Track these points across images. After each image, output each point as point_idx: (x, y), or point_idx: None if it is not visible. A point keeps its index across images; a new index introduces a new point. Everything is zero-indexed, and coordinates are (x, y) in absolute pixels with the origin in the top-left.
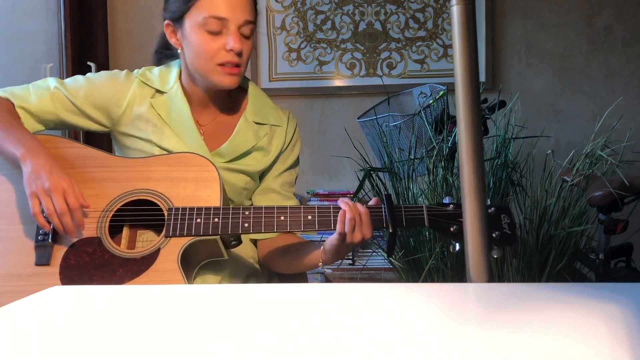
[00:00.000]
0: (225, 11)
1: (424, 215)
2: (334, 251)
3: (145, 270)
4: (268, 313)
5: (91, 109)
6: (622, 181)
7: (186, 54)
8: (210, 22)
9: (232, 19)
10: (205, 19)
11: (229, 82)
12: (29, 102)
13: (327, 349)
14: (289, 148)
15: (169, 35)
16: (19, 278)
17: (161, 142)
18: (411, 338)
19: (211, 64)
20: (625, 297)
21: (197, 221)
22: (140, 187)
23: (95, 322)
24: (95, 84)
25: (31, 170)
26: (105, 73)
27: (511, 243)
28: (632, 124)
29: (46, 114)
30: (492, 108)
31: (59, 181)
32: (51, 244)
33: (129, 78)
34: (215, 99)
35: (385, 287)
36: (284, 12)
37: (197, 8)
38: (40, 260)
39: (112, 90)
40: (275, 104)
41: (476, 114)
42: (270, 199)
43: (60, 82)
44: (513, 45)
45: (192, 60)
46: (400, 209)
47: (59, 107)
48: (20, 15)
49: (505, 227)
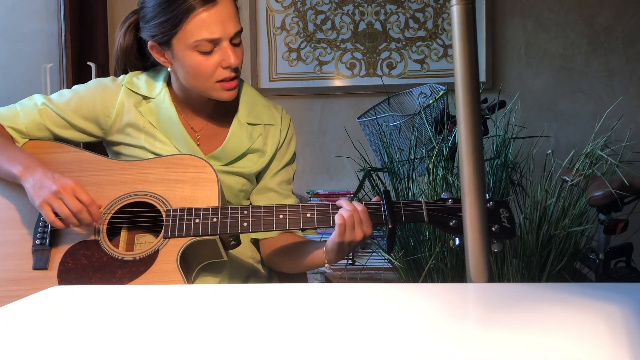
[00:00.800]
0: (215, 31)
1: (423, 210)
2: (336, 250)
3: (145, 272)
4: (268, 313)
5: (81, 121)
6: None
7: (179, 73)
8: (202, 44)
9: (223, 36)
10: (197, 41)
11: (228, 96)
12: (18, 122)
13: (327, 349)
14: (284, 145)
15: (156, 56)
16: (17, 282)
17: (154, 149)
18: (411, 338)
19: (209, 82)
20: (625, 297)
21: (196, 221)
22: (137, 189)
23: (95, 322)
24: (82, 96)
25: (33, 183)
26: (91, 84)
27: (511, 236)
28: (632, 124)
29: (37, 131)
30: (492, 108)
31: (65, 182)
32: (48, 247)
33: (115, 86)
34: (207, 104)
35: (385, 287)
36: (284, 12)
37: (185, 31)
38: (38, 264)
39: (100, 100)
40: (268, 101)
41: (476, 114)
42: (268, 198)
43: (47, 98)
44: (513, 45)
45: (187, 79)
46: (399, 205)
47: (49, 123)
48: (20, 15)
49: (505, 220)
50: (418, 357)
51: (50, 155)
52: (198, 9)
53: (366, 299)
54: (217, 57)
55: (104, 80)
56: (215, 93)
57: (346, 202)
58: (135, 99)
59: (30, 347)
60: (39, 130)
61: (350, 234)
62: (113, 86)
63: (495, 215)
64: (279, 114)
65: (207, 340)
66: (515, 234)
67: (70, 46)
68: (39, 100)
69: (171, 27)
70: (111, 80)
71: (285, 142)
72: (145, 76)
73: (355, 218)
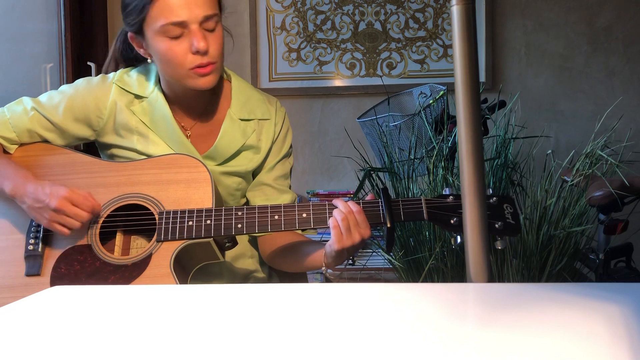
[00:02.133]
0: (181, 14)
1: (423, 208)
2: (335, 255)
3: (138, 277)
4: (268, 313)
5: (72, 125)
6: (622, 181)
7: (156, 63)
8: (169, 29)
9: (190, 19)
10: (163, 26)
11: (204, 83)
12: (8, 130)
13: (327, 349)
14: (279, 139)
15: (137, 47)
16: (10, 289)
17: (148, 150)
18: (411, 338)
19: (182, 69)
20: (625, 297)
21: (189, 224)
22: (130, 191)
23: (95, 322)
24: (72, 98)
25: (30, 204)
26: (80, 84)
27: (515, 233)
28: (632, 124)
29: (27, 138)
30: (492, 108)
31: (59, 194)
32: (41, 253)
33: (105, 84)
34: (197, 100)
35: (385, 287)
36: (284, 12)
37: (151, 17)
38: (31, 271)
39: (91, 101)
40: (262, 94)
41: (476, 114)
42: (263, 193)
43: (36, 102)
44: (513, 45)
45: (162, 68)
46: (398, 203)
47: (40, 129)
48: (20, 15)
49: (509, 216)
50: (418, 357)
51: (41, 158)
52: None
53: (366, 299)
54: (187, 42)
55: (94, 80)
56: (191, 81)
57: (341, 202)
58: (127, 97)
59: (30, 348)
60: (30, 137)
61: (348, 237)
62: (103, 85)
63: (499, 211)
64: (273, 108)
65: (207, 341)
66: (520, 230)
67: (70, 46)
68: (29, 104)
69: (138, 12)
70: (101, 78)
71: (281, 136)
72: (137, 73)
73: (351, 220)
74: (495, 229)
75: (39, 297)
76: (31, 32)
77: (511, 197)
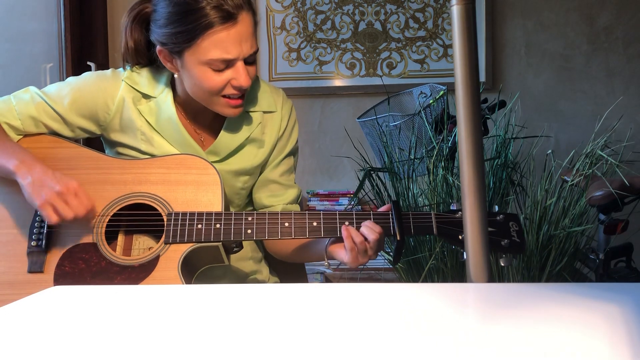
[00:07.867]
0: (232, 51)
1: (433, 223)
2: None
3: (145, 278)
4: (268, 313)
5: (79, 119)
6: (622, 181)
7: (185, 82)
8: (216, 63)
9: (239, 57)
10: (211, 60)
11: (232, 113)
12: (14, 117)
13: (327, 349)
14: (285, 134)
15: (163, 61)
16: (11, 286)
17: (152, 151)
18: (411, 338)
19: (214, 96)
20: (625, 297)
21: (198, 227)
22: (138, 190)
23: (96, 322)
24: (80, 91)
25: (32, 180)
26: (90, 77)
27: (520, 251)
28: (632, 124)
29: (33, 127)
30: (492, 108)
31: (69, 182)
32: (44, 249)
33: (116, 80)
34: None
35: (385, 287)
36: (284, 12)
37: (200, 47)
38: (33, 268)
39: (99, 96)
40: (267, 85)
41: (476, 114)
42: (269, 189)
43: (43, 93)
44: (513, 45)
45: (192, 89)
46: (408, 216)
47: (46, 119)
48: (20, 15)
49: (514, 235)
50: (418, 357)
51: (47, 150)
52: (217, 27)
53: (366, 299)
54: (229, 75)
55: (105, 74)
56: (219, 108)
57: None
58: (135, 95)
59: (30, 348)
60: (36, 127)
61: (356, 262)
62: (114, 80)
63: (505, 229)
64: (280, 100)
65: (208, 341)
66: (525, 248)
67: (70, 46)
68: (35, 94)
69: (185, 40)
70: (112, 73)
71: (287, 132)
72: (147, 72)
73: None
74: (501, 247)
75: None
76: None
77: (517, 216)
